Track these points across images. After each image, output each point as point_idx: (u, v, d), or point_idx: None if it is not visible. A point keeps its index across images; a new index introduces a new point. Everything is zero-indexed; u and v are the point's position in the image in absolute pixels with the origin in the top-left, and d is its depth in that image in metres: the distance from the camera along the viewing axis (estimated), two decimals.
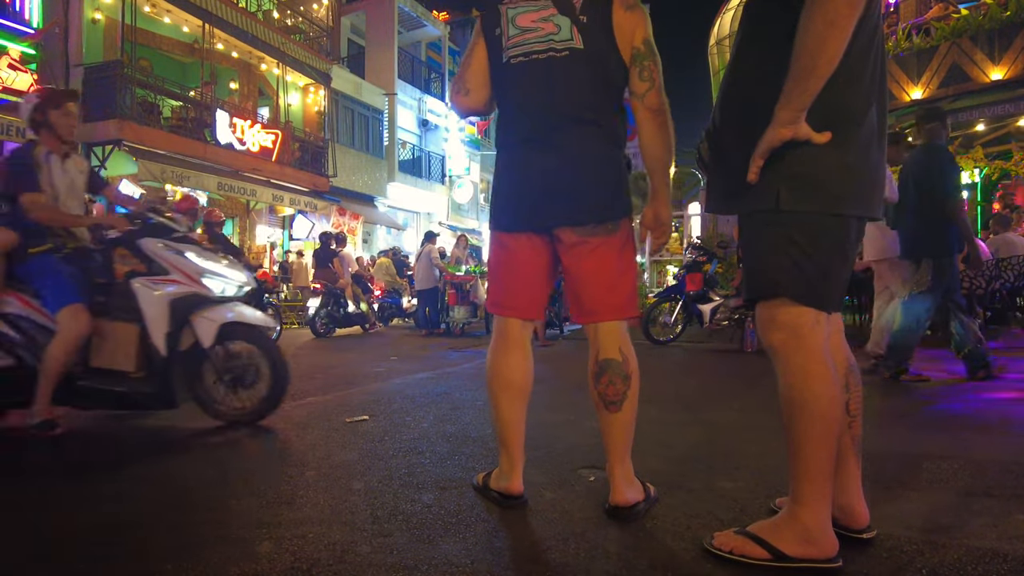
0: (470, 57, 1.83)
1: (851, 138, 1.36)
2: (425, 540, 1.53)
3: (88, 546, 1.48)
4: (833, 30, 1.23)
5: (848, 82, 1.34)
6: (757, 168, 1.36)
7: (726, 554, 1.41)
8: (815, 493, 1.37)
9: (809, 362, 1.38)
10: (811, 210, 1.37)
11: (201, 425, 2.86)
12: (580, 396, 3.86)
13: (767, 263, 1.42)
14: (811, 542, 1.35)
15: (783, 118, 1.30)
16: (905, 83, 10.65)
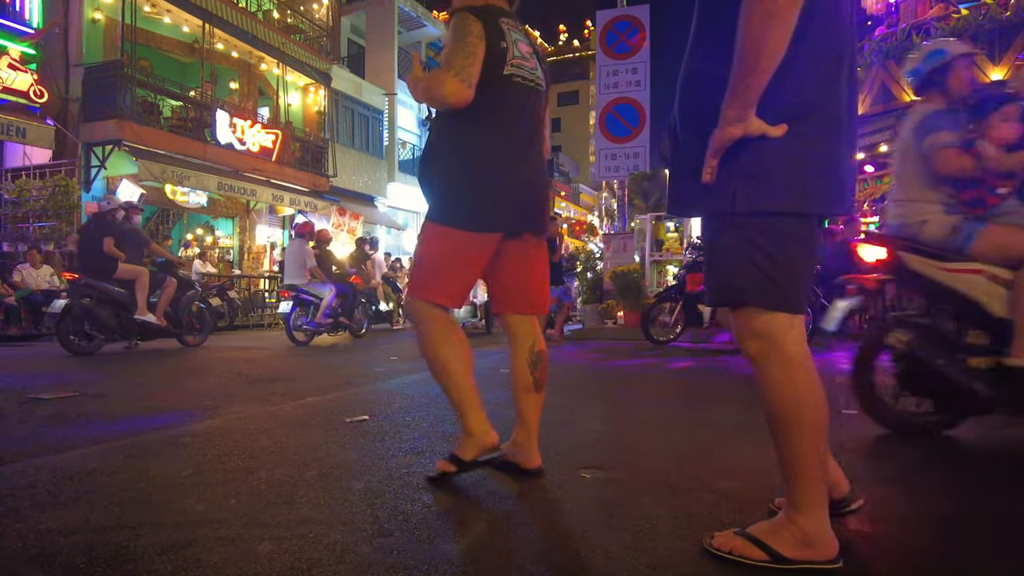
0: (477, 56, 1.87)
1: (809, 131, 1.31)
2: (425, 540, 1.53)
3: (87, 546, 1.48)
4: (774, 22, 1.19)
5: (802, 73, 1.29)
6: (712, 168, 1.32)
7: (725, 555, 1.41)
8: (812, 498, 1.36)
9: (789, 369, 1.37)
10: (770, 210, 1.32)
11: (200, 425, 2.86)
12: (580, 396, 3.87)
13: (730, 268, 1.38)
14: (809, 545, 1.35)
15: (730, 116, 1.26)
16: (905, 83, 10.65)
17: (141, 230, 7.24)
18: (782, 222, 1.33)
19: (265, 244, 15.97)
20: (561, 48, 52.23)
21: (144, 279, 6.46)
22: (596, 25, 10.38)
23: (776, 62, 1.22)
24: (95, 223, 6.55)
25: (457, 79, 1.84)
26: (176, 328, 6.93)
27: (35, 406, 3.40)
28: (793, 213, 1.33)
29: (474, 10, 1.94)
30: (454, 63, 1.84)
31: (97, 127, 11.41)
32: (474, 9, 1.95)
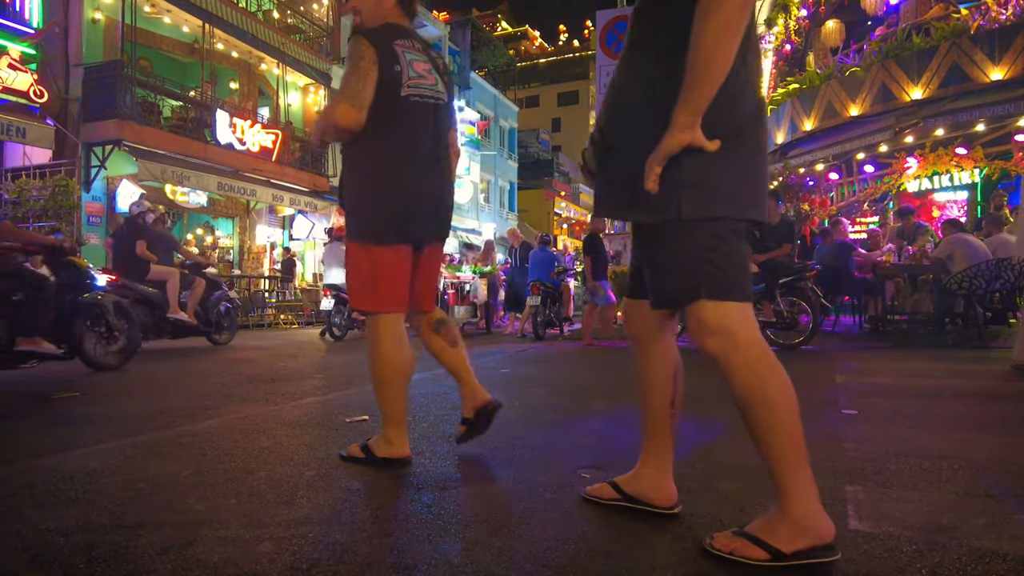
0: (368, 80, 2.03)
1: (743, 146, 1.41)
2: (425, 540, 1.53)
3: (87, 546, 1.48)
4: (726, 35, 1.28)
5: (740, 92, 1.39)
6: (656, 176, 1.36)
7: (726, 555, 1.41)
8: (799, 482, 1.39)
9: (752, 357, 1.42)
10: (713, 216, 1.39)
11: (200, 425, 2.86)
12: (580, 397, 3.87)
13: (681, 270, 1.43)
14: (806, 532, 1.36)
15: (681, 122, 1.32)
16: (905, 83, 10.64)
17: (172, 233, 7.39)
18: (724, 225, 1.42)
19: (265, 244, 15.97)
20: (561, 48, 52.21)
21: (175, 280, 6.65)
22: (596, 25, 10.39)
23: (725, 73, 1.31)
24: (127, 227, 6.75)
25: (347, 103, 2.00)
26: (206, 327, 7.15)
27: (36, 406, 3.40)
28: (733, 218, 1.42)
29: (368, 34, 2.09)
30: (346, 89, 2.01)
31: (97, 127, 11.40)
32: (368, 33, 2.09)
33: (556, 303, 8.95)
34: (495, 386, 4.15)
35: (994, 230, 7.24)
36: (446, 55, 22.23)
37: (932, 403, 3.44)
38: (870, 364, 5.31)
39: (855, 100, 11.41)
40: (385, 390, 2.19)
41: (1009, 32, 9.62)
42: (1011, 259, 6.55)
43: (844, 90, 11.61)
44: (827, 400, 3.55)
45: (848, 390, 3.92)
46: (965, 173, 10.99)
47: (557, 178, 37.14)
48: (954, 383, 4.18)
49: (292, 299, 13.81)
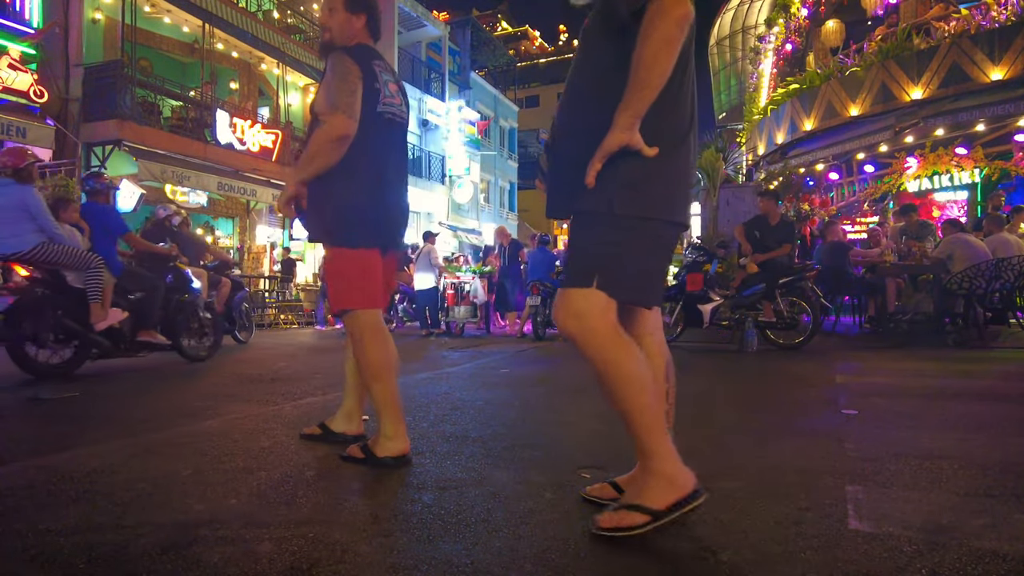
0: (357, 95, 2.18)
1: (677, 153, 1.55)
2: (425, 540, 1.53)
3: (87, 546, 1.48)
4: (666, 46, 1.43)
5: (678, 103, 1.55)
6: (595, 172, 1.49)
7: (611, 531, 1.50)
8: (657, 441, 1.53)
9: (608, 340, 1.54)
10: (641, 215, 1.52)
11: (200, 425, 2.86)
12: (580, 397, 3.87)
13: (590, 255, 1.56)
14: (673, 485, 1.51)
15: (622, 123, 1.45)
16: (905, 83, 10.64)
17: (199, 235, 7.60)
18: (648, 225, 1.55)
19: (265, 244, 15.96)
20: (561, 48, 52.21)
21: (204, 281, 6.73)
22: None
23: (664, 81, 1.45)
24: (154, 229, 6.86)
25: (345, 115, 2.14)
26: (231, 325, 7.32)
27: (35, 406, 3.40)
28: (659, 219, 1.55)
29: (351, 52, 2.25)
30: (340, 103, 2.14)
31: (97, 127, 11.40)
32: (350, 51, 2.25)
33: None
34: (495, 386, 4.15)
35: (995, 229, 7.24)
36: (446, 55, 22.32)
37: (932, 403, 3.44)
38: (870, 364, 5.31)
39: (855, 100, 11.41)
40: (379, 384, 2.24)
41: (1009, 32, 9.62)
42: (1011, 259, 6.55)
43: (844, 90, 11.61)
44: (827, 400, 3.55)
45: (848, 390, 3.92)
46: (965, 173, 10.98)
47: None
48: (954, 383, 4.18)
49: (292, 299, 13.82)
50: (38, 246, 4.27)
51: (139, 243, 5.66)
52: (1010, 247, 6.79)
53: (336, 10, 2.32)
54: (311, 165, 2.19)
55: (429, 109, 21.06)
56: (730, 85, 23.05)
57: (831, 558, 1.41)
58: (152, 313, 5.07)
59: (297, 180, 2.23)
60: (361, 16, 2.34)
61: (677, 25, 1.43)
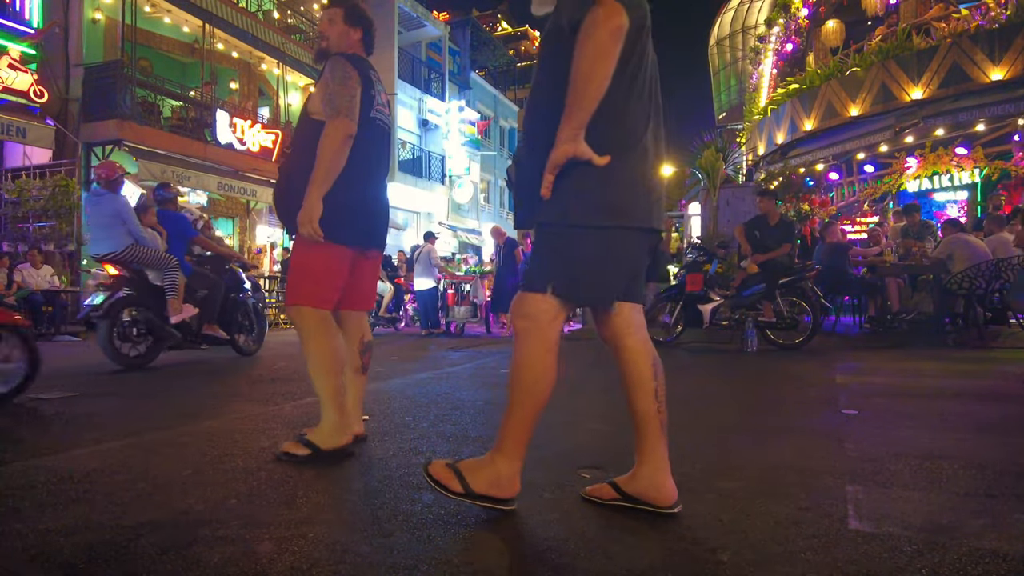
0: (357, 98, 2.26)
1: (631, 159, 1.59)
2: (425, 540, 1.53)
3: (87, 546, 1.48)
4: (600, 59, 1.47)
5: (625, 108, 1.58)
6: (548, 184, 1.55)
7: (432, 480, 1.68)
8: (513, 448, 1.65)
9: (540, 349, 1.64)
10: (594, 224, 1.57)
11: (200, 425, 2.86)
12: (579, 397, 3.87)
13: (547, 262, 1.63)
14: (498, 486, 1.64)
15: (564, 136, 1.50)
16: (905, 83, 10.64)
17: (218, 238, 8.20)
18: (603, 234, 1.58)
19: (265, 244, 15.96)
20: None
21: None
22: None
23: (602, 92, 1.49)
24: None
25: (348, 119, 2.21)
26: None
27: (35, 406, 3.40)
28: (615, 226, 1.59)
29: (348, 57, 2.32)
30: (342, 106, 2.21)
31: (97, 127, 11.40)
32: (348, 56, 2.32)
33: None
34: (495, 386, 4.15)
35: (996, 229, 7.24)
36: (446, 55, 22.31)
37: (932, 403, 3.44)
38: (870, 364, 5.31)
39: (855, 100, 11.40)
40: (330, 378, 2.29)
41: (1009, 32, 9.62)
42: (1011, 259, 6.55)
43: (844, 90, 11.61)
44: (827, 400, 3.55)
45: (848, 390, 3.92)
46: (965, 173, 10.98)
47: None
48: (954, 383, 4.18)
49: None
50: (128, 248, 4.89)
51: (208, 245, 6.22)
52: (1010, 247, 6.79)
53: (335, 22, 2.42)
54: (327, 175, 2.20)
55: (429, 109, 21.04)
56: (730, 85, 23.05)
57: (831, 558, 1.41)
58: (214, 309, 5.62)
59: (319, 197, 2.20)
60: (358, 30, 2.45)
61: (611, 37, 1.47)
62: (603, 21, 1.47)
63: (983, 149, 10.67)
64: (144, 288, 5.06)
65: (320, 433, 2.27)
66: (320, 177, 2.19)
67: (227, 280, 5.95)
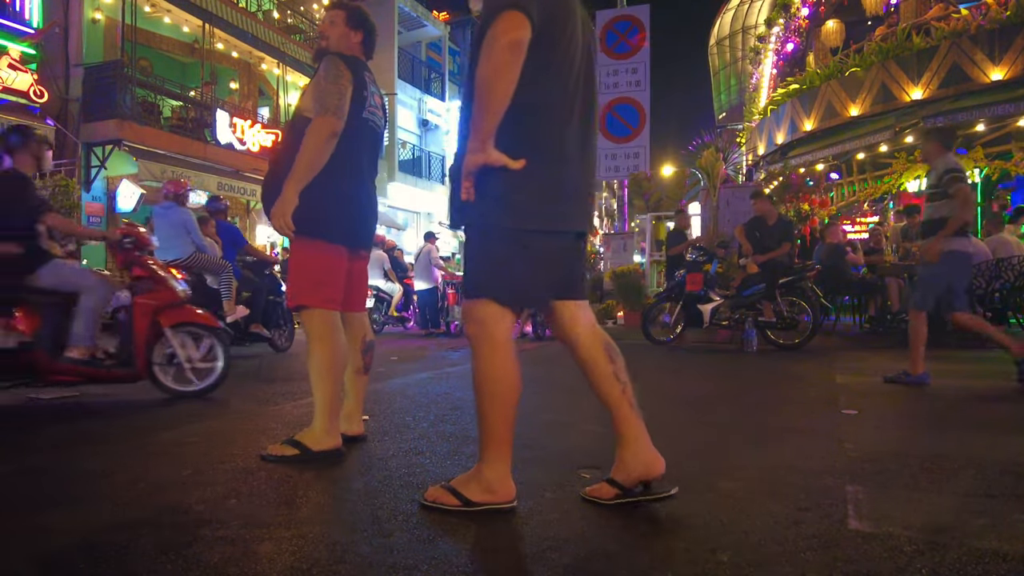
0: (347, 98, 2.25)
1: (548, 163, 1.62)
2: (425, 540, 1.53)
3: (87, 546, 1.48)
4: (500, 71, 1.51)
5: (540, 113, 1.61)
6: (466, 189, 1.60)
7: (431, 503, 1.70)
8: (496, 454, 1.68)
9: (494, 350, 1.66)
10: (513, 227, 1.61)
11: (200, 425, 2.86)
12: (579, 397, 3.86)
13: (475, 267, 1.68)
14: (491, 491, 1.68)
15: (472, 147, 1.56)
16: (905, 83, 10.64)
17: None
18: (520, 237, 1.62)
19: (265, 244, 15.95)
20: None
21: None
22: (596, 25, 10.37)
23: (504, 104, 1.52)
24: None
25: (334, 117, 2.20)
26: None
27: (35, 406, 3.40)
28: (533, 229, 1.62)
29: (343, 57, 2.31)
30: (329, 105, 2.20)
31: (97, 127, 11.40)
32: (343, 57, 2.32)
33: None
34: None
35: (994, 230, 7.24)
36: (446, 55, 22.30)
37: (932, 403, 3.44)
38: (870, 364, 5.31)
39: (855, 100, 11.41)
40: (330, 382, 2.28)
41: (1009, 32, 9.62)
42: (1011, 259, 6.55)
43: (844, 90, 11.61)
44: (827, 400, 3.55)
45: (848, 390, 3.92)
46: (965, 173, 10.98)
47: None
48: (954, 383, 4.18)
49: None
50: (191, 255, 5.43)
51: (255, 252, 6.88)
52: (1010, 247, 6.79)
53: (337, 23, 2.43)
54: (307, 170, 2.19)
55: (429, 109, 21.04)
56: (730, 85, 23.05)
57: (831, 558, 1.41)
58: (258, 310, 6.10)
59: (295, 191, 2.19)
60: (359, 33, 2.45)
61: (509, 50, 1.50)
62: (501, 34, 1.51)
63: (983, 149, 10.66)
64: (202, 291, 5.46)
65: (311, 434, 2.27)
66: (299, 172, 2.18)
67: (267, 283, 6.41)
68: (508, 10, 1.51)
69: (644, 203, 10.31)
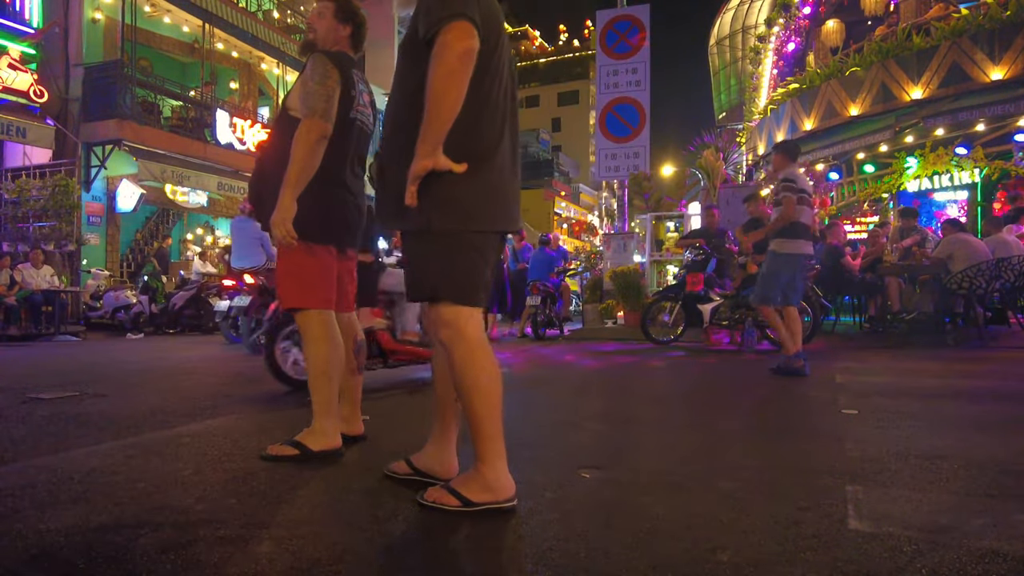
0: (335, 98, 2.23)
1: (487, 168, 1.67)
2: (425, 540, 1.53)
3: (87, 546, 1.48)
4: (452, 79, 1.54)
5: (481, 121, 1.66)
6: (411, 194, 1.61)
7: (431, 504, 1.71)
8: (491, 452, 1.70)
9: (471, 350, 1.68)
10: (457, 229, 1.65)
11: (200, 425, 2.86)
12: (579, 397, 3.87)
13: (427, 271, 1.70)
14: (490, 490, 1.69)
15: (422, 152, 1.57)
16: (905, 83, 10.64)
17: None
18: (467, 238, 1.67)
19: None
20: (561, 48, 52.14)
21: None
22: (596, 25, 10.37)
23: (456, 111, 1.56)
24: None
25: (321, 120, 2.18)
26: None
27: (35, 406, 3.40)
28: (475, 231, 1.68)
29: (332, 57, 2.28)
30: (317, 107, 2.18)
31: (97, 127, 11.40)
32: (332, 56, 2.29)
33: (557, 303, 8.95)
34: None
35: (994, 230, 7.25)
36: None
37: (932, 403, 3.44)
38: (870, 364, 5.31)
39: (855, 100, 11.40)
40: (328, 383, 2.29)
41: (1009, 32, 9.62)
42: (1011, 259, 6.55)
43: (844, 90, 11.61)
44: (827, 400, 3.55)
45: (848, 390, 3.92)
46: (965, 173, 10.98)
47: (557, 178, 37.13)
48: (954, 383, 4.18)
49: None
50: (264, 263, 6.23)
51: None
52: (1010, 247, 6.79)
53: (325, 16, 2.40)
54: (300, 176, 2.17)
55: None
56: (730, 85, 23.04)
57: (831, 558, 1.41)
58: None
59: (292, 198, 2.17)
60: (347, 27, 2.42)
61: (459, 60, 1.54)
62: (453, 43, 1.54)
63: (983, 149, 10.66)
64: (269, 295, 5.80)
65: (311, 435, 2.28)
66: (293, 179, 2.16)
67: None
68: (458, 19, 1.55)
69: (644, 203, 10.30)
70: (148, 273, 10.93)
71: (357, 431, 2.55)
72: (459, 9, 1.55)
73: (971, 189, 11.39)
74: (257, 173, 2.43)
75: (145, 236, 14.35)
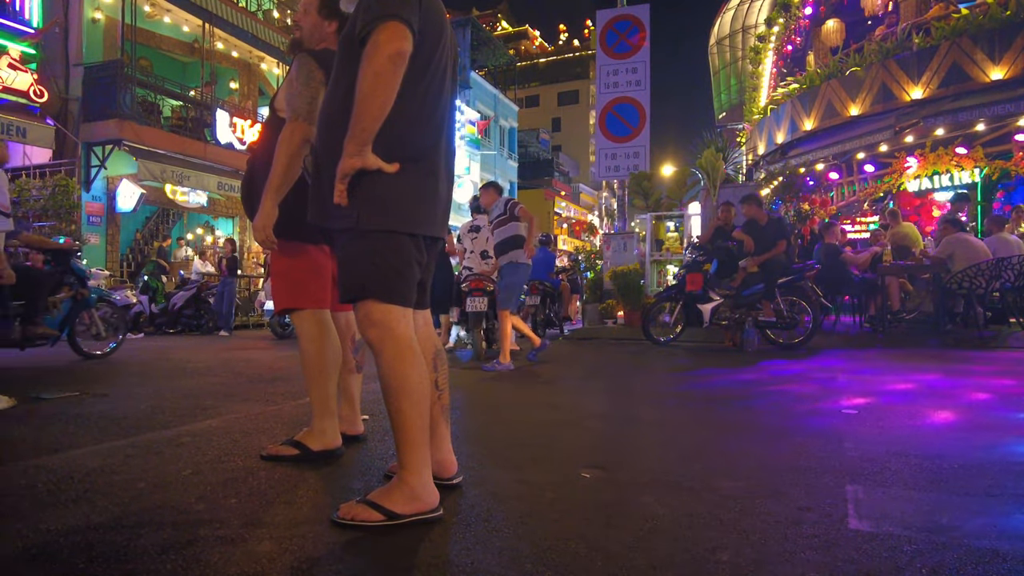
0: (318, 101, 2.12)
1: (419, 169, 1.66)
2: (425, 540, 1.53)
3: (87, 546, 1.48)
4: (380, 80, 1.52)
5: (416, 123, 1.66)
6: (340, 192, 1.59)
7: (348, 522, 1.58)
8: (416, 459, 1.64)
9: (400, 350, 1.64)
10: (385, 228, 1.63)
11: (200, 425, 2.86)
12: (580, 396, 3.87)
13: (355, 270, 1.66)
14: (416, 499, 1.62)
15: (350, 150, 1.55)
16: (905, 83, 10.64)
17: None
18: (395, 238, 1.65)
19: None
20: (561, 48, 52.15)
21: None
22: (596, 25, 10.38)
23: (384, 111, 1.54)
24: None
25: (306, 123, 2.14)
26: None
27: (35, 406, 3.40)
28: (402, 232, 1.66)
29: (317, 56, 2.24)
30: (300, 109, 2.15)
31: (97, 127, 11.40)
32: (316, 55, 2.25)
33: (557, 303, 8.95)
34: (493, 384, 4.15)
35: (995, 229, 7.24)
36: None
37: (932, 403, 3.44)
38: (870, 364, 5.31)
39: (855, 100, 11.41)
40: (325, 382, 2.29)
41: (1009, 32, 9.62)
42: (1011, 259, 6.55)
43: (844, 90, 11.61)
44: (827, 400, 3.55)
45: (848, 390, 3.92)
46: (965, 173, 10.98)
47: (557, 178, 37.13)
48: (954, 383, 4.18)
49: None
50: None
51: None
52: (1010, 247, 6.79)
53: (310, 12, 2.36)
54: (282, 179, 2.16)
55: None
56: (730, 85, 23.04)
57: (831, 558, 1.41)
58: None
59: (274, 203, 2.17)
60: (333, 22, 2.36)
61: (390, 61, 1.52)
62: (384, 44, 1.51)
63: (983, 149, 10.66)
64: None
65: (311, 434, 2.29)
66: (275, 183, 2.15)
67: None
68: (392, 20, 1.52)
69: (644, 203, 10.30)
70: (149, 273, 10.92)
71: (357, 430, 2.55)
72: (394, 10, 1.53)
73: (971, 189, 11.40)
74: (248, 174, 2.43)
75: (145, 236, 14.35)
